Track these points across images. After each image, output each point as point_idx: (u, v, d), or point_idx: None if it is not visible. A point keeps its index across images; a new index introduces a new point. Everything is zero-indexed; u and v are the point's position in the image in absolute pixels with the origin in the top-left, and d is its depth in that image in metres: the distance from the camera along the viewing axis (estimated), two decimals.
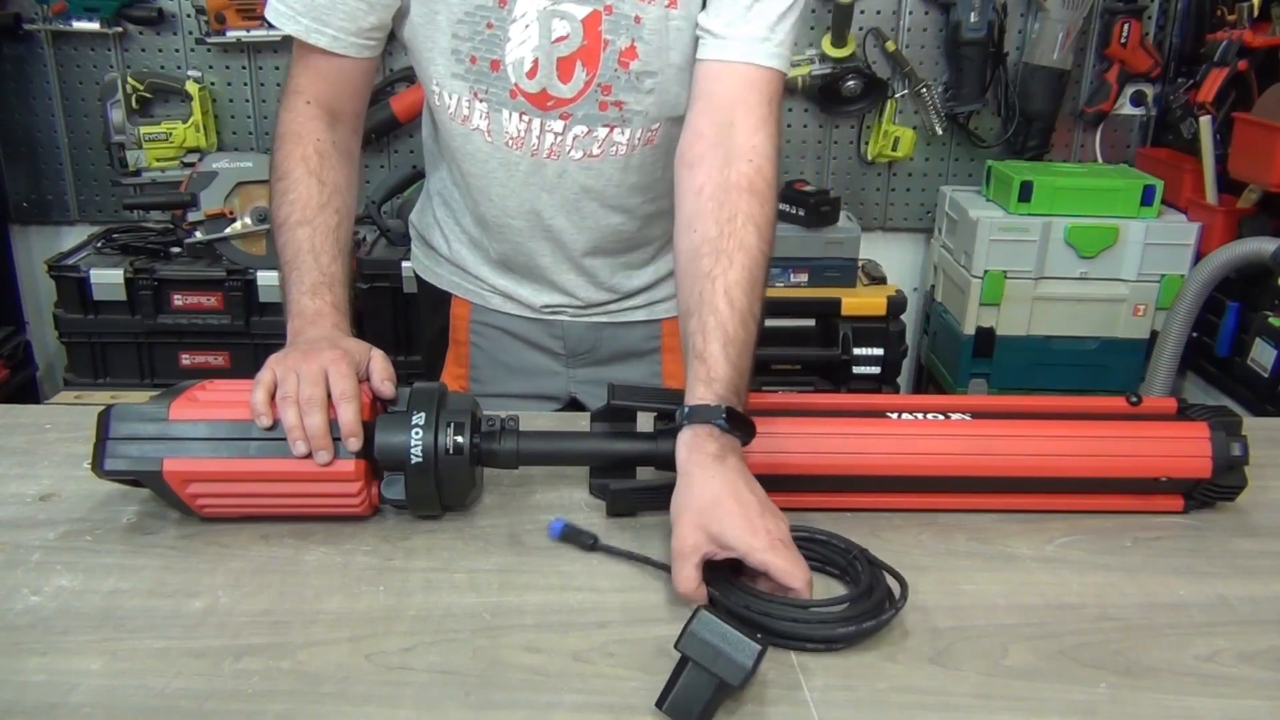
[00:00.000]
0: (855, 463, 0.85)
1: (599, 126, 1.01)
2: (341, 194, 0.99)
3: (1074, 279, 2.31)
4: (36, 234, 2.60)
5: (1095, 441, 0.86)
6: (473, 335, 1.20)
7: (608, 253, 1.13)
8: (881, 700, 0.66)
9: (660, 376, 1.22)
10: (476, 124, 1.02)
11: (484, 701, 0.65)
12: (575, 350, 1.19)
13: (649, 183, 1.07)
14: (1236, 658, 0.71)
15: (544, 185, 1.05)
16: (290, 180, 0.98)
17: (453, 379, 1.22)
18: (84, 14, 2.34)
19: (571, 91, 0.99)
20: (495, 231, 1.11)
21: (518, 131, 1.01)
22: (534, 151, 1.02)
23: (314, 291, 0.92)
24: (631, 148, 1.03)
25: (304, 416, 0.79)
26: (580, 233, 1.09)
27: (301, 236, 0.95)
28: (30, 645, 0.69)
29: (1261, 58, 2.21)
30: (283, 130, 1.01)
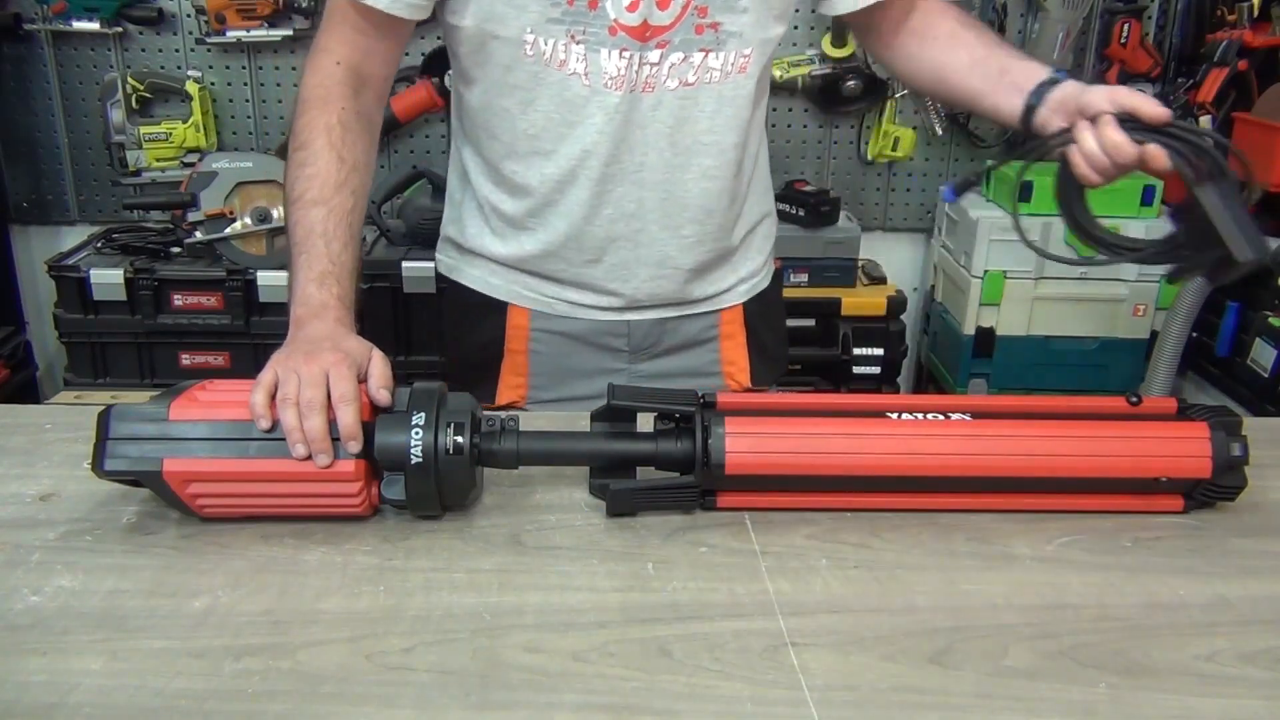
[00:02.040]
0: (855, 463, 0.85)
1: (695, 51, 1.01)
2: (360, 172, 0.99)
3: (1074, 279, 2.31)
4: (36, 234, 2.60)
5: (1095, 441, 0.86)
6: (532, 343, 1.18)
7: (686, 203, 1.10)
8: (881, 700, 0.66)
9: (719, 363, 1.22)
10: (573, 68, 1.01)
11: (484, 701, 0.65)
12: (639, 346, 1.18)
13: (740, 123, 1.07)
14: (1236, 658, 0.71)
15: (639, 121, 1.04)
16: (310, 151, 0.97)
17: (510, 389, 1.20)
18: (84, 14, 2.34)
19: (669, 18, 0.99)
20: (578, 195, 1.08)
21: (616, 70, 1.01)
22: (632, 87, 1.02)
23: (321, 281, 0.92)
24: (725, 74, 1.03)
25: (304, 419, 0.79)
26: (669, 173, 1.07)
27: (315, 217, 0.95)
28: (30, 645, 0.69)
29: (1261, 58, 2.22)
30: (307, 94, 1.00)
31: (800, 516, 0.87)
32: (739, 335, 1.22)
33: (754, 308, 1.23)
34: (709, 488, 0.86)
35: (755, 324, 1.23)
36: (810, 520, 0.86)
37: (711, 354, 1.22)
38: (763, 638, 0.71)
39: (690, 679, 0.67)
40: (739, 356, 1.22)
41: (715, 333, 1.21)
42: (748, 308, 1.22)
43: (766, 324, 1.25)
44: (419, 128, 2.50)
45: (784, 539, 0.84)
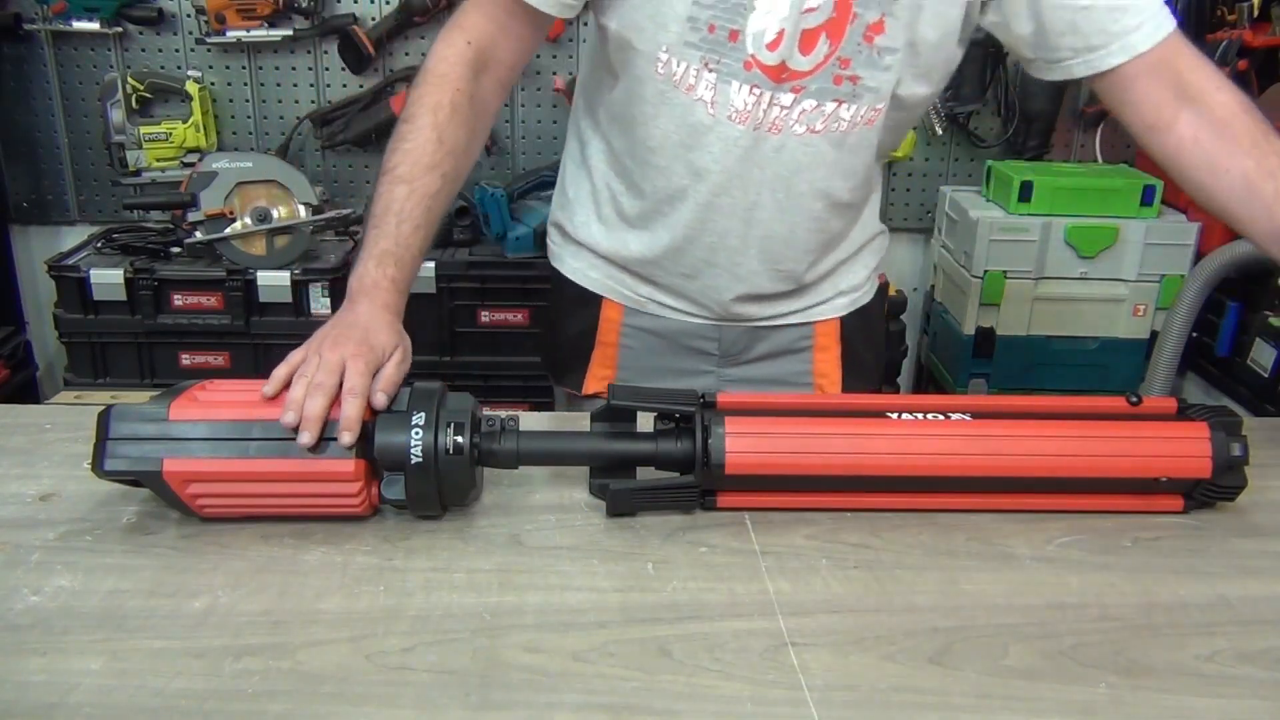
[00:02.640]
0: (855, 463, 0.85)
1: (828, 101, 1.00)
2: (456, 157, 0.99)
3: (1074, 279, 2.31)
4: (36, 234, 2.60)
5: (1095, 441, 0.86)
6: (623, 338, 1.19)
7: (791, 242, 1.10)
8: (881, 700, 0.66)
9: (811, 374, 1.21)
10: (701, 95, 1.00)
11: (484, 701, 0.65)
12: (729, 352, 1.18)
13: (856, 167, 1.06)
14: (1236, 658, 0.71)
15: (758, 160, 1.03)
16: (412, 126, 0.98)
17: (597, 380, 1.21)
18: (84, 14, 2.34)
19: (810, 65, 0.98)
20: (685, 215, 1.08)
21: (745, 105, 1.00)
22: (757, 125, 1.01)
23: (381, 259, 0.93)
24: (853, 125, 1.02)
25: (308, 398, 0.80)
26: (779, 214, 1.07)
27: (396, 195, 0.95)
28: (30, 645, 0.69)
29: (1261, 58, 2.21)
30: (428, 66, 1.01)
31: (800, 516, 0.87)
32: (834, 348, 1.20)
33: (853, 321, 1.21)
34: (709, 488, 0.86)
35: (853, 338, 1.21)
36: (810, 520, 0.86)
37: (804, 364, 1.21)
38: (763, 638, 0.71)
39: (690, 679, 0.67)
40: (832, 369, 1.21)
41: (809, 344, 1.20)
42: (846, 321, 1.21)
43: (865, 339, 1.24)
44: None
45: (784, 539, 0.84)
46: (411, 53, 2.45)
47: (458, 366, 2.33)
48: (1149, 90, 1.01)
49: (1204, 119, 1.00)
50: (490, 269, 2.29)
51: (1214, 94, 1.00)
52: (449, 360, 2.32)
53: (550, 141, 2.53)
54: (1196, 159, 1.00)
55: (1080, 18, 0.98)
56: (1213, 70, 1.01)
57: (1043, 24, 1.00)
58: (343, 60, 2.42)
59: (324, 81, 2.47)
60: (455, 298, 2.30)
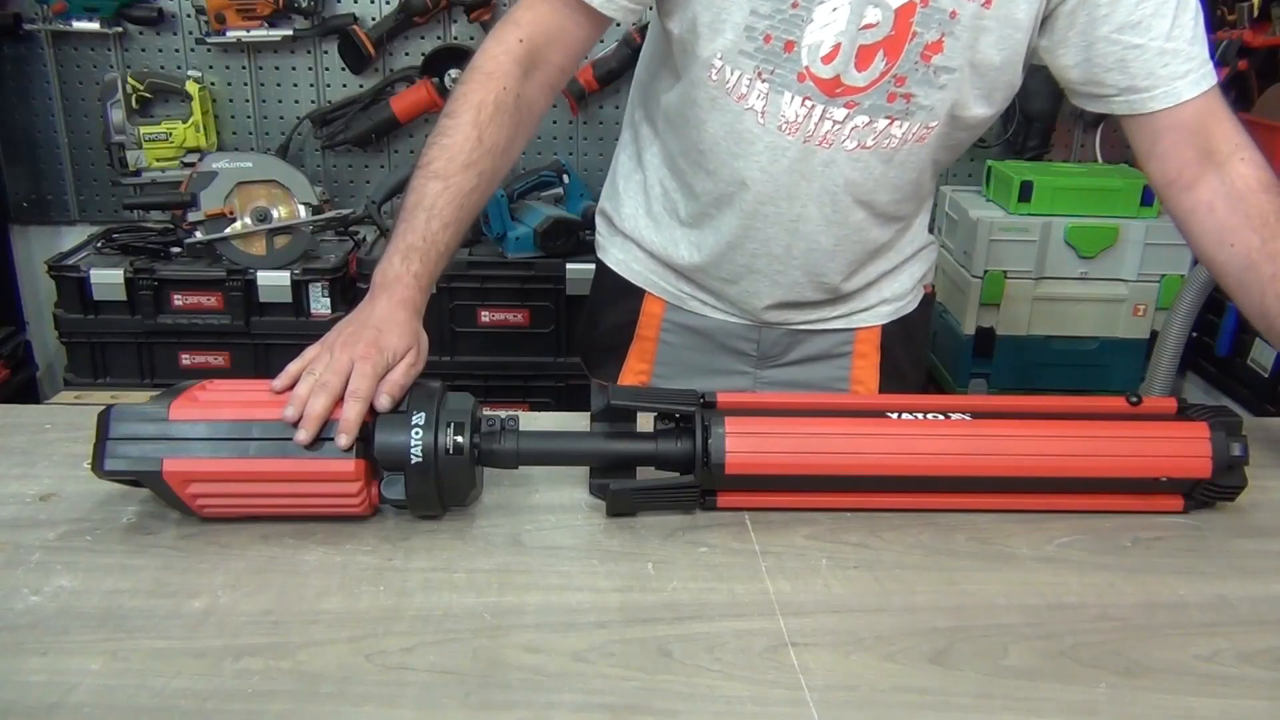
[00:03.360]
0: (855, 463, 0.85)
1: (880, 118, 1.00)
2: (494, 156, 0.98)
3: (1074, 279, 2.31)
4: (36, 234, 2.60)
5: (1095, 441, 0.86)
6: (664, 333, 1.19)
7: (834, 255, 1.09)
8: (881, 700, 0.66)
9: (848, 380, 1.20)
10: (752, 104, 1.00)
11: (484, 701, 0.65)
12: (767, 353, 1.18)
13: (904, 183, 1.06)
14: (1236, 658, 0.71)
15: (806, 173, 1.03)
16: (453, 122, 0.97)
17: (634, 374, 1.21)
18: (84, 14, 2.34)
19: (865, 80, 0.97)
20: (730, 221, 1.08)
21: (795, 116, 0.99)
22: (807, 138, 1.00)
23: (406, 254, 0.92)
24: (904, 142, 1.01)
25: (311, 397, 0.81)
26: (824, 226, 1.06)
27: (430, 190, 0.95)
28: (30, 645, 0.69)
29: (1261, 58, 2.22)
30: (477, 62, 1.00)
31: (800, 516, 0.87)
32: (873, 355, 1.20)
33: (895, 330, 1.20)
34: (709, 488, 0.86)
35: (893, 346, 1.21)
36: (810, 520, 0.86)
37: (842, 370, 1.20)
38: (763, 638, 0.71)
39: (690, 679, 0.67)
40: (869, 377, 1.20)
41: (849, 349, 1.19)
42: (887, 329, 1.20)
43: (906, 348, 1.23)
44: (419, 128, 2.50)
45: (784, 539, 0.84)
46: (411, 53, 2.45)
47: (458, 366, 2.33)
48: (1178, 145, 1.00)
49: (1224, 188, 0.99)
50: (490, 269, 2.29)
51: (1239, 164, 0.99)
52: (449, 360, 2.32)
53: (550, 142, 2.53)
54: (1208, 225, 1.00)
55: (1131, 55, 0.97)
56: (1244, 138, 1.00)
57: (1092, 57, 0.99)
58: (343, 60, 2.42)
59: (324, 81, 2.47)
60: (455, 298, 2.30)
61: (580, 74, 2.42)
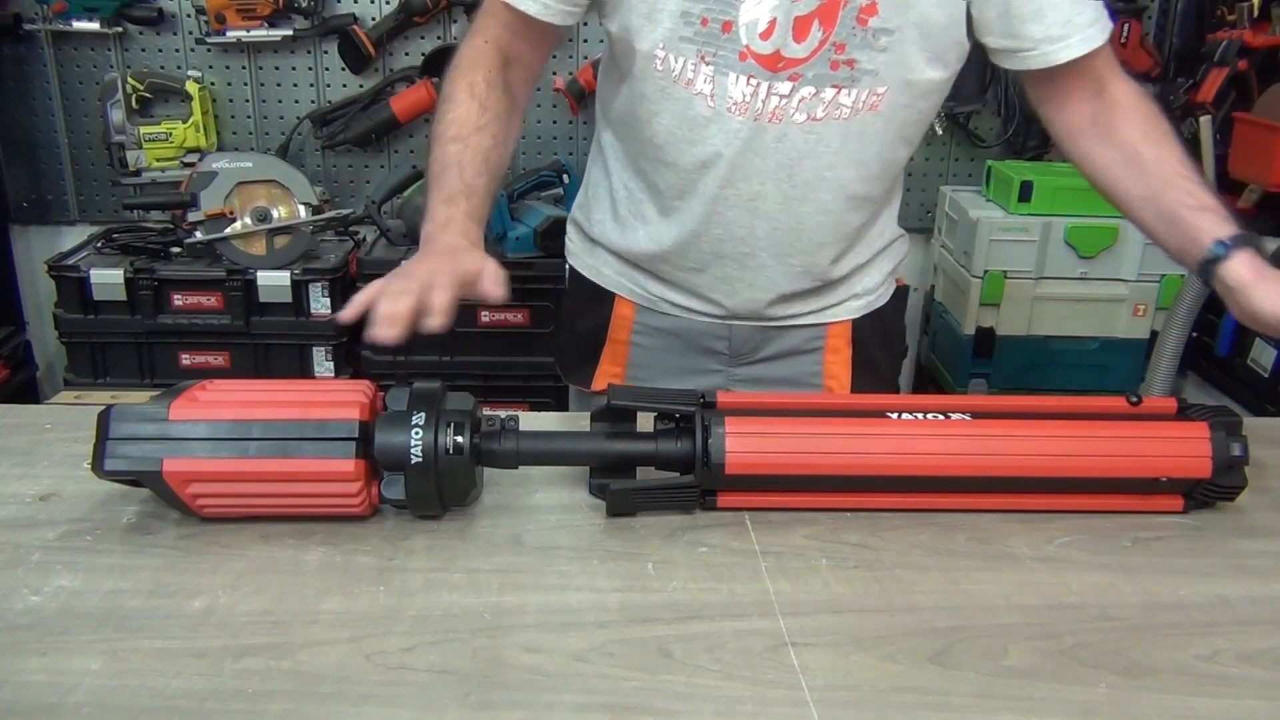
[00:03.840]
0: (855, 463, 0.85)
1: (827, 87, 1.00)
2: (501, 121, 1.03)
3: (1074, 279, 2.31)
4: (36, 234, 2.60)
5: (1095, 441, 0.86)
6: (635, 336, 1.20)
7: (799, 233, 1.09)
8: (881, 700, 0.66)
9: (821, 375, 1.20)
10: (700, 88, 1.01)
11: (484, 701, 0.65)
12: (739, 351, 1.19)
13: (865, 158, 1.05)
14: (1236, 658, 0.71)
15: (760, 150, 1.03)
16: (453, 103, 1.02)
17: (607, 377, 1.22)
18: (84, 14, 2.33)
19: (805, 51, 0.98)
20: (693, 208, 1.08)
21: (743, 96, 1.00)
22: (757, 116, 1.01)
23: (450, 200, 0.96)
24: (855, 111, 1.01)
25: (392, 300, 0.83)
26: (785, 204, 1.06)
27: (451, 152, 0.99)
28: (30, 645, 0.69)
29: (1261, 58, 2.21)
30: (456, 62, 1.05)
31: (800, 516, 0.87)
32: (845, 350, 1.20)
33: (866, 324, 1.20)
34: (709, 488, 0.86)
35: (866, 340, 1.21)
36: (810, 520, 0.86)
37: (814, 365, 1.20)
38: (763, 638, 0.71)
39: (690, 679, 0.67)
40: (842, 371, 1.20)
41: (821, 344, 1.19)
42: (858, 324, 1.20)
43: (880, 341, 1.23)
44: (419, 128, 2.50)
45: (784, 539, 0.84)
46: (411, 53, 2.45)
47: (458, 366, 2.33)
48: (1083, 93, 1.06)
49: (1104, 104, 1.05)
50: None
51: (1116, 82, 1.05)
52: (449, 360, 2.32)
53: (550, 141, 2.53)
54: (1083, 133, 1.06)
55: (1046, 5, 0.99)
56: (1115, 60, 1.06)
57: (1010, 9, 1.00)
58: (343, 60, 2.42)
59: (324, 81, 2.47)
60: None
61: (580, 74, 2.42)
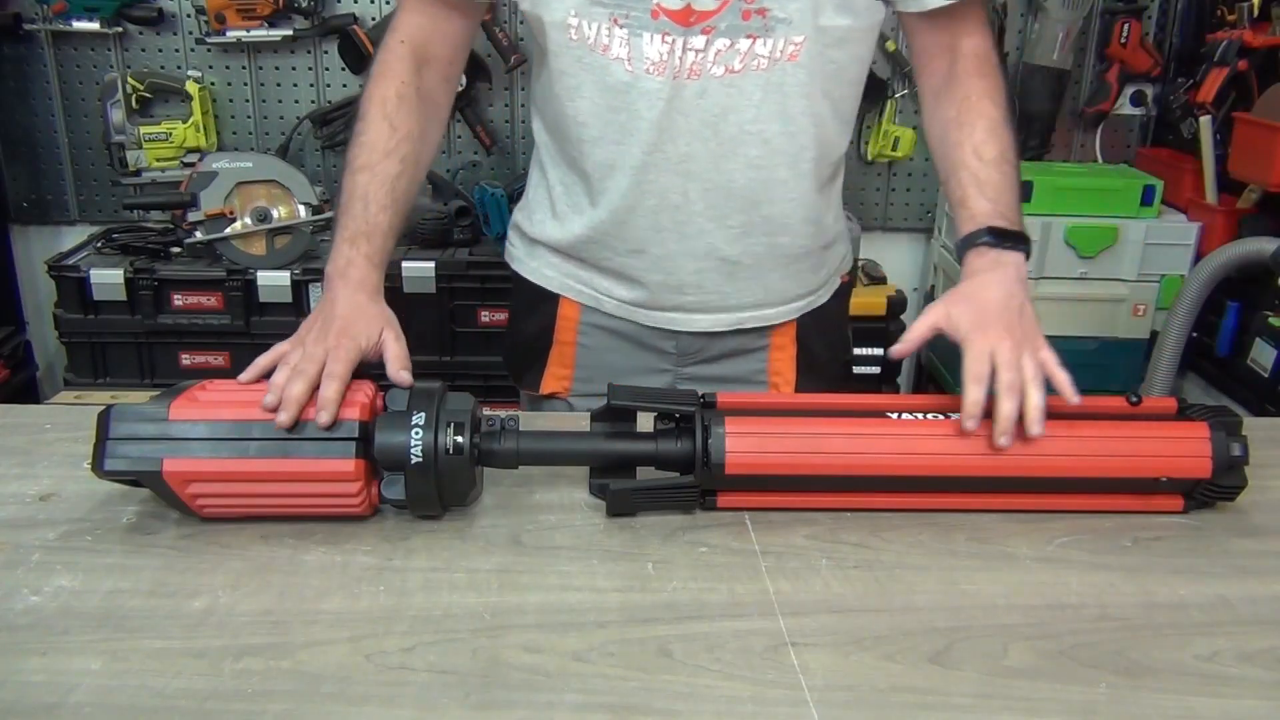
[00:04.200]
0: (855, 463, 0.85)
1: (741, 38, 0.99)
2: (410, 141, 1.03)
3: (1074, 279, 2.31)
4: (36, 234, 2.60)
5: (1095, 441, 0.86)
6: (581, 336, 1.19)
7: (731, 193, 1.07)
8: (881, 700, 0.66)
9: (766, 373, 1.20)
10: (616, 53, 1.00)
11: (484, 701, 0.65)
12: (686, 350, 1.18)
13: (791, 111, 1.04)
14: (1236, 658, 0.71)
15: (682, 109, 1.02)
16: (365, 122, 1.03)
17: (555, 379, 1.21)
18: (84, 14, 2.34)
19: (714, 3, 0.97)
20: (624, 181, 1.07)
21: (659, 55, 1.00)
22: (675, 73, 1.00)
23: (353, 240, 0.97)
24: (773, 61, 1.01)
25: (289, 383, 0.83)
26: (714, 163, 1.05)
27: (359, 182, 1.00)
28: (30, 645, 0.69)
29: (1261, 58, 2.21)
30: (372, 69, 1.06)
31: (800, 516, 0.87)
32: (789, 347, 1.20)
33: (809, 321, 1.20)
34: (709, 488, 0.86)
35: (808, 337, 1.20)
36: (810, 520, 0.86)
37: (759, 363, 1.20)
38: (763, 638, 0.71)
39: (690, 679, 0.67)
40: (787, 368, 1.20)
41: (765, 343, 1.19)
42: (801, 322, 1.19)
43: (822, 338, 1.22)
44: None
45: (784, 539, 0.84)
46: None
47: (458, 366, 2.33)
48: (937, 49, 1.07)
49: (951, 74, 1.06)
50: (490, 269, 2.29)
51: (966, 53, 1.06)
52: (449, 360, 2.32)
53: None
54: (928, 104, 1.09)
55: None
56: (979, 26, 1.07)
57: None
58: (343, 60, 2.42)
59: (324, 81, 2.47)
60: (455, 298, 2.30)
61: None
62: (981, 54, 1.06)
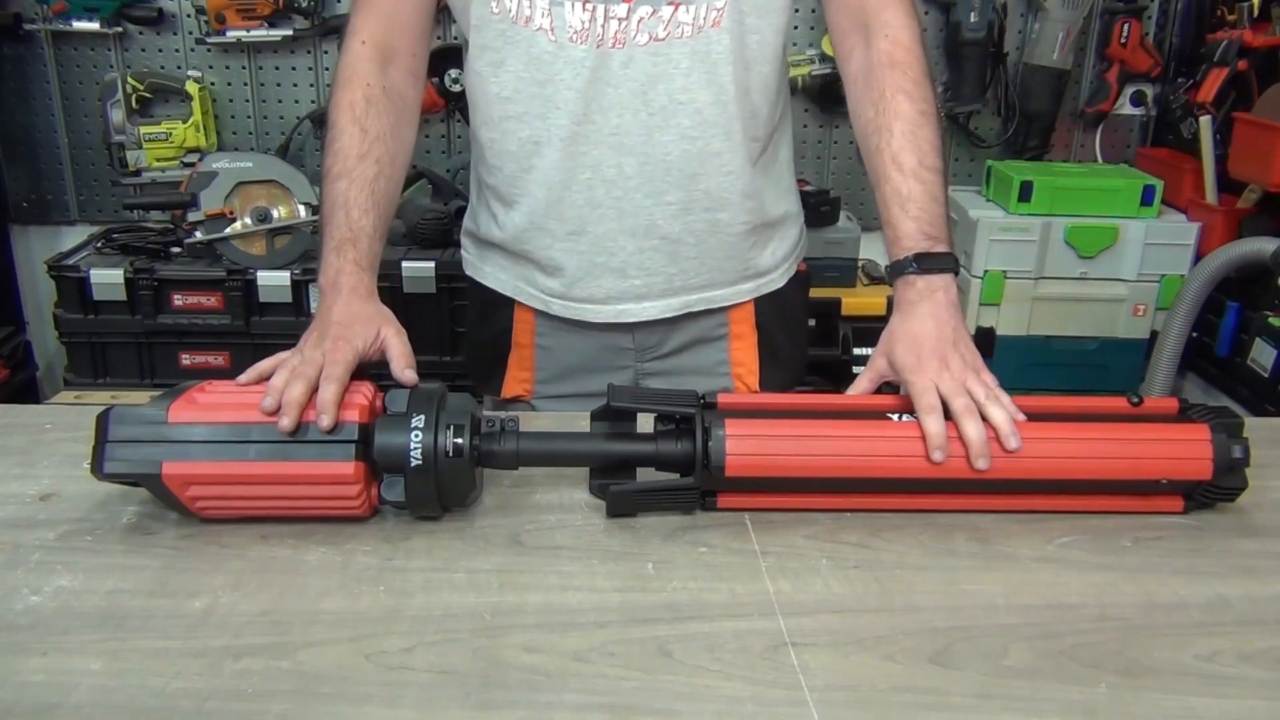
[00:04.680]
0: (855, 464, 0.84)
1: (663, 5, 1.00)
2: (384, 142, 1.02)
3: (1074, 279, 2.31)
4: (36, 234, 2.60)
5: (1096, 443, 0.86)
6: (539, 338, 1.18)
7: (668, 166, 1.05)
8: (881, 700, 0.66)
9: (728, 364, 1.19)
10: (539, 24, 1.01)
11: (484, 701, 0.65)
12: (644, 345, 1.17)
13: (720, 80, 1.03)
14: (1236, 658, 0.71)
15: (609, 79, 1.02)
16: (336, 130, 1.02)
17: (516, 383, 1.20)
18: (84, 14, 2.34)
19: None
20: (554, 157, 1.05)
21: (581, 24, 1.00)
22: (599, 42, 1.00)
23: (339, 249, 0.97)
24: (698, 28, 1.01)
25: (288, 386, 0.83)
26: (646, 135, 1.04)
27: (338, 190, 0.99)
28: (30, 645, 0.69)
29: (1261, 58, 2.21)
30: (337, 76, 1.05)
31: (800, 516, 0.87)
32: (750, 336, 1.19)
33: (767, 308, 1.19)
34: (709, 489, 0.86)
35: (768, 326, 1.19)
36: (810, 520, 0.86)
37: (720, 354, 1.19)
38: (763, 638, 0.71)
39: (690, 679, 0.67)
40: (749, 358, 1.19)
41: (725, 331, 1.18)
42: (759, 307, 1.18)
43: (782, 327, 1.21)
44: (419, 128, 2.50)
45: (784, 539, 0.84)
46: None
47: (458, 367, 2.32)
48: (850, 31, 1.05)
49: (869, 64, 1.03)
50: None
51: (882, 40, 1.02)
52: (449, 360, 2.32)
53: None
54: (850, 97, 1.06)
55: None
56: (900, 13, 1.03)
57: None
58: None
59: (324, 81, 2.47)
60: (455, 298, 2.30)
61: None
62: (895, 36, 1.01)
